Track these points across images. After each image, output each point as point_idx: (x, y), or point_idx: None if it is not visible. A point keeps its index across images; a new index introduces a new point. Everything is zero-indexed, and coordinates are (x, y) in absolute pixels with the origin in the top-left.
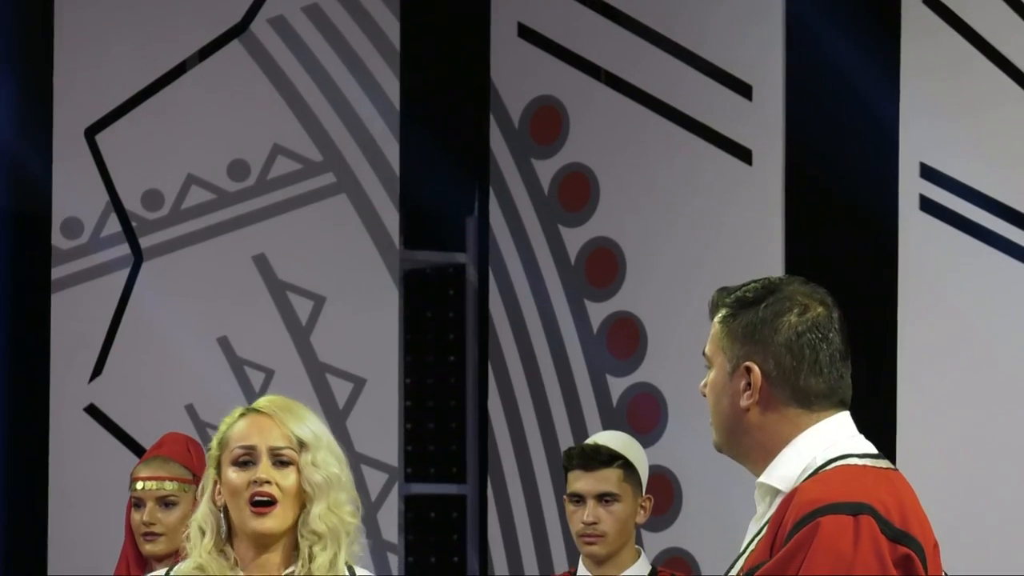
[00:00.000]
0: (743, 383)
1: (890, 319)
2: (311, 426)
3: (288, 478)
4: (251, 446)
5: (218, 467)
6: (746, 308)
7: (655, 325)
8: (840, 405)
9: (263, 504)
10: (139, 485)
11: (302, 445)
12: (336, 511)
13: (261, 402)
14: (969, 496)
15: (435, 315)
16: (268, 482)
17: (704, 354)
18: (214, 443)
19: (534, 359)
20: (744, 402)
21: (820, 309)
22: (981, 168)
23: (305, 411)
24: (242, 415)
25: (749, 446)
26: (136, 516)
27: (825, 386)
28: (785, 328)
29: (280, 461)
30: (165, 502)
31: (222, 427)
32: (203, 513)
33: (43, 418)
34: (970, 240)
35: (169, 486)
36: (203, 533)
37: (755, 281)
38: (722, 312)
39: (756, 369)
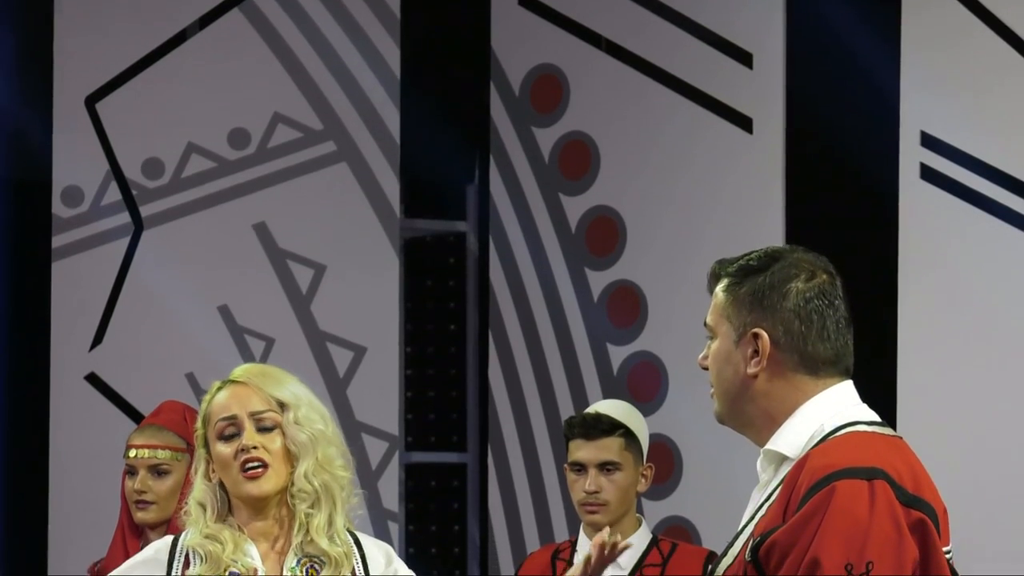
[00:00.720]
0: (750, 350)
1: (890, 287)
2: (289, 387)
3: (275, 442)
4: (232, 416)
5: (206, 444)
6: (751, 275)
7: (656, 294)
8: (844, 373)
9: (254, 468)
10: (132, 453)
11: (282, 406)
12: (326, 466)
13: (236, 372)
14: (969, 463)
15: (435, 283)
16: (255, 447)
17: (706, 325)
18: (199, 422)
19: (534, 328)
20: (751, 369)
21: (825, 276)
22: (981, 137)
23: (282, 374)
24: (219, 388)
25: (753, 414)
26: (129, 484)
27: (832, 353)
28: (793, 294)
29: (264, 427)
30: (158, 470)
31: (203, 404)
32: (200, 491)
33: (43, 386)
34: (970, 208)
35: (162, 454)
36: (204, 508)
37: (755, 251)
38: (725, 281)
39: (765, 335)
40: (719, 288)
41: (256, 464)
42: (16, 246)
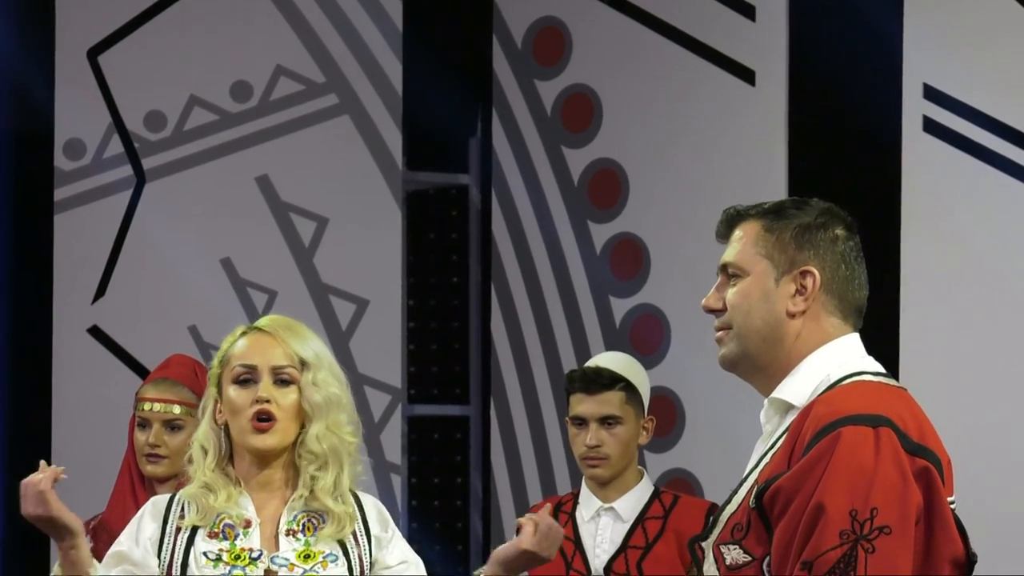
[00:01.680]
0: (794, 288)
1: (893, 240)
2: (313, 346)
3: (288, 397)
4: (252, 365)
5: (219, 385)
6: (792, 216)
7: (658, 246)
8: (856, 326)
9: (264, 421)
10: (146, 406)
11: (303, 364)
12: (336, 431)
13: (263, 321)
14: (971, 415)
15: (438, 236)
16: (269, 401)
17: (730, 263)
18: (215, 361)
19: (537, 280)
20: (795, 307)
21: (855, 229)
22: (984, 89)
23: (307, 331)
24: (243, 334)
25: (775, 357)
26: (140, 436)
27: (863, 302)
28: (841, 239)
29: (281, 380)
30: (172, 425)
31: (224, 345)
32: (204, 432)
33: (46, 339)
34: (973, 161)
35: (177, 409)
36: (205, 452)
37: (772, 201)
38: (760, 221)
39: (816, 274)
40: (751, 227)
41: (266, 417)
42: (18, 199)
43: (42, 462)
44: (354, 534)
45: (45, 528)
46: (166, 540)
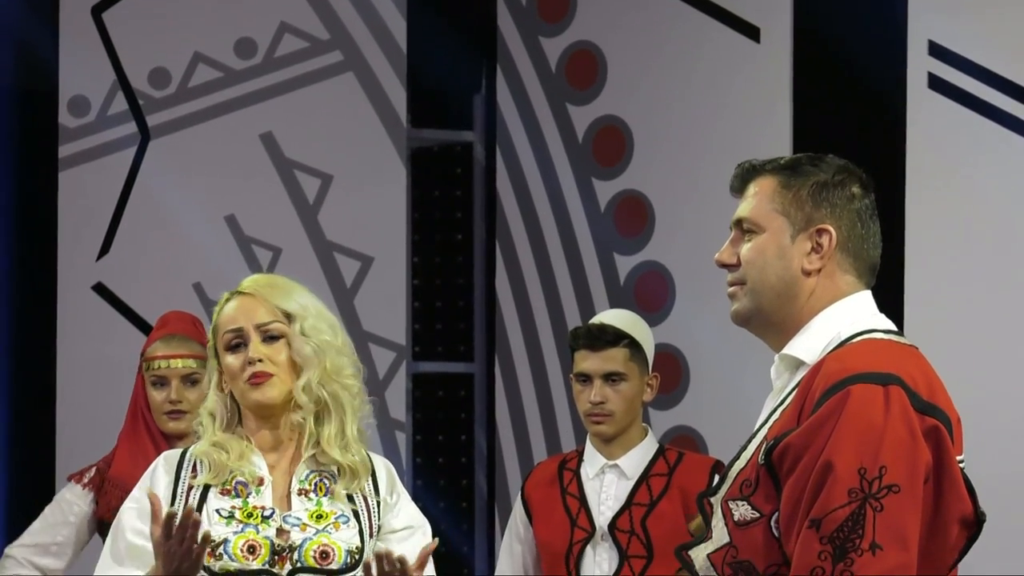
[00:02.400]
0: (810, 245)
1: (898, 197)
2: (297, 298)
3: (280, 352)
4: (239, 328)
5: (217, 355)
6: (808, 173)
7: (663, 203)
8: (871, 283)
9: (258, 377)
10: (162, 364)
11: (289, 317)
12: (335, 376)
13: (245, 283)
14: (976, 372)
15: (442, 193)
16: (260, 359)
17: (746, 219)
18: (210, 333)
19: (542, 238)
20: (810, 265)
21: (869, 188)
22: (990, 46)
23: (290, 284)
24: (228, 300)
25: (789, 314)
26: (158, 395)
27: (877, 260)
28: (857, 197)
29: (269, 336)
30: (190, 379)
31: (214, 316)
32: (211, 401)
33: (51, 296)
34: (978, 118)
35: (193, 363)
36: (213, 418)
37: (786, 156)
38: (776, 177)
39: (832, 232)
40: (767, 183)
41: (259, 375)
42: (23, 156)
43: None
44: (364, 496)
45: (174, 560)
46: (178, 497)
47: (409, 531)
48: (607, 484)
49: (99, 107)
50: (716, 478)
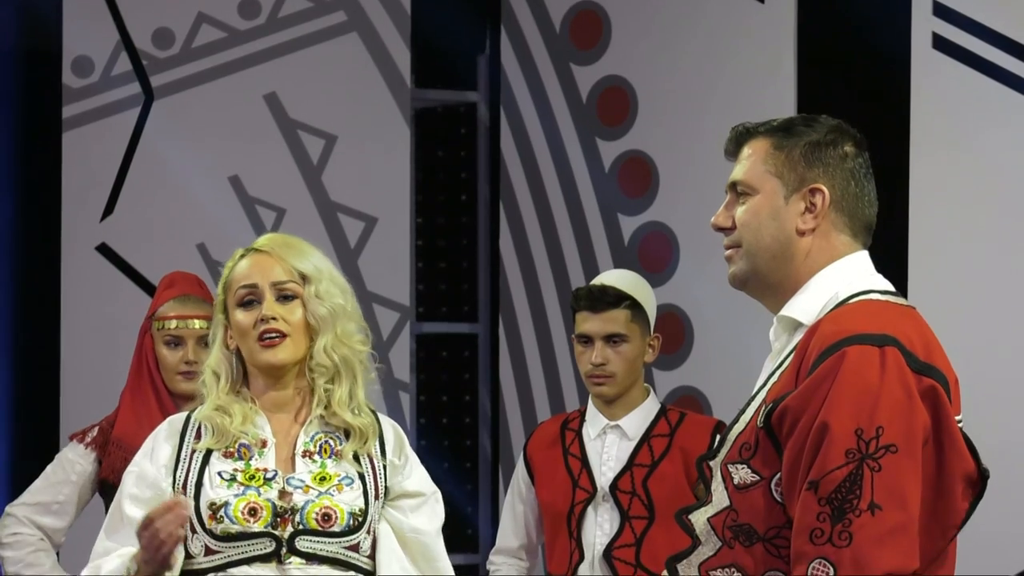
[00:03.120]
0: (804, 206)
1: (902, 158)
2: (312, 260)
3: (294, 312)
4: (253, 284)
5: (226, 311)
6: (801, 134)
7: (667, 164)
8: (865, 244)
9: (272, 338)
10: (176, 324)
11: (304, 278)
12: (346, 341)
13: (260, 241)
14: (979, 332)
15: (446, 154)
16: (274, 318)
17: (740, 181)
18: (220, 288)
19: (545, 198)
20: (804, 225)
21: (865, 147)
22: (995, 6)
23: (305, 245)
24: (242, 256)
25: (785, 275)
26: (172, 356)
27: (872, 220)
28: (850, 156)
29: (284, 296)
30: (204, 340)
31: (225, 271)
32: (216, 359)
33: (55, 257)
34: (983, 78)
35: (207, 324)
36: (218, 377)
37: (780, 118)
38: (769, 139)
39: (826, 191)
40: (760, 145)
41: (274, 334)
42: (27, 116)
43: (182, 499)
44: (371, 458)
45: (151, 554)
46: (181, 462)
47: (422, 499)
48: (609, 445)
49: (103, 68)
50: (716, 441)
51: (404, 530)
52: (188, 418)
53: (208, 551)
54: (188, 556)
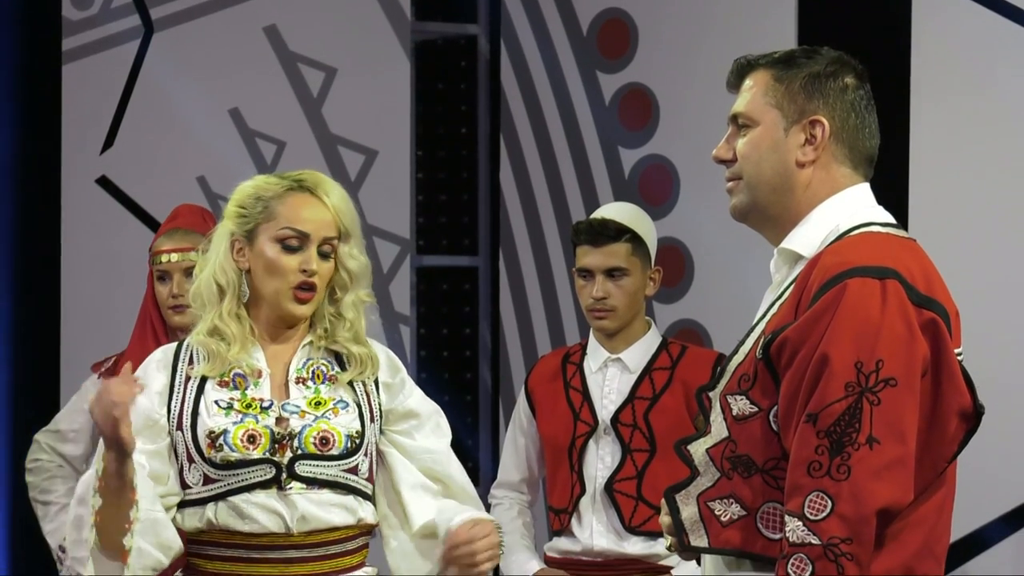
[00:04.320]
0: (804, 137)
1: (903, 90)
2: (353, 215)
3: (325, 267)
4: (305, 233)
5: (251, 232)
6: (802, 65)
7: (667, 96)
8: (868, 175)
9: (307, 292)
10: (163, 258)
11: (345, 236)
12: (359, 293)
13: (316, 183)
14: (980, 266)
15: (447, 87)
16: (316, 272)
17: (740, 114)
18: (250, 201)
19: (546, 131)
20: (804, 156)
21: (866, 78)
22: None
23: (346, 194)
24: (291, 189)
25: (785, 207)
26: (162, 289)
27: (874, 151)
28: (851, 88)
29: (324, 253)
30: (191, 273)
31: (266, 190)
32: (221, 268)
33: (55, 190)
34: (985, 11)
35: (194, 256)
36: (223, 293)
37: (782, 50)
38: (770, 71)
39: (825, 123)
40: (761, 77)
41: (308, 287)
42: (26, 49)
43: (128, 373)
44: (364, 383)
45: (107, 436)
46: (175, 390)
47: (425, 418)
48: (610, 378)
49: (102, 0)
50: (716, 373)
51: (416, 453)
52: (180, 346)
53: (207, 480)
54: (185, 487)
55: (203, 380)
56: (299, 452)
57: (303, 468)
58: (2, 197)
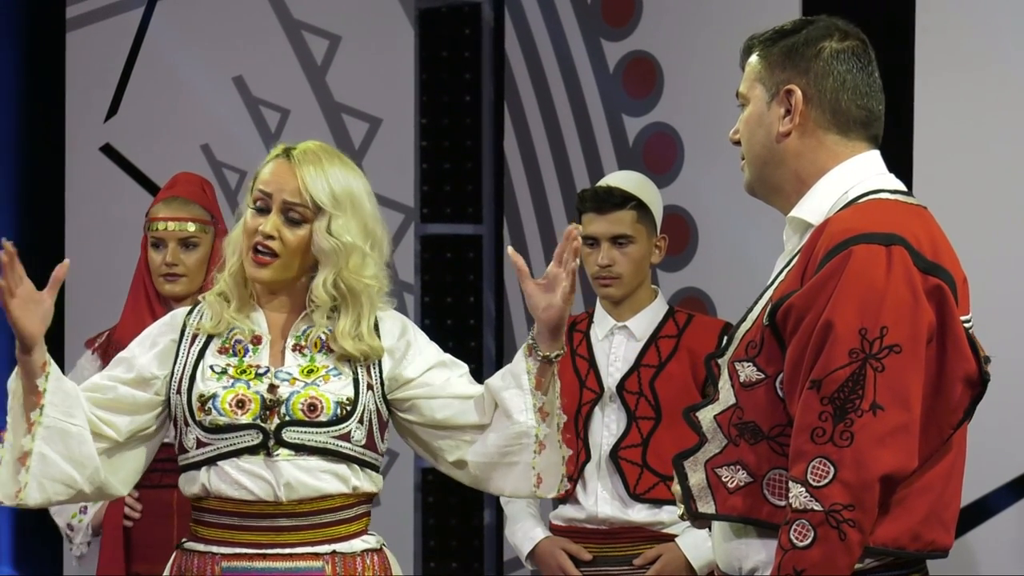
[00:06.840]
0: (783, 109)
1: (907, 57)
2: (335, 186)
3: (296, 234)
4: (268, 193)
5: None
6: (784, 37)
7: (672, 64)
8: (873, 141)
9: (261, 255)
10: (159, 226)
11: (317, 208)
12: (354, 273)
13: (300, 147)
14: (985, 231)
15: (451, 54)
16: (272, 236)
17: (738, 94)
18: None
19: (550, 99)
20: (783, 127)
21: (858, 41)
22: None
23: (336, 167)
24: (276, 155)
25: (783, 178)
26: (156, 256)
27: (863, 114)
28: (827, 52)
29: (292, 219)
30: (186, 243)
31: (265, 159)
32: (237, 234)
33: (59, 158)
34: None
35: (191, 227)
36: (233, 254)
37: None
38: (757, 49)
39: (797, 91)
40: (754, 56)
41: (264, 251)
42: (31, 17)
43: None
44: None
45: (20, 330)
46: (181, 352)
47: (445, 367)
48: (616, 345)
49: None
50: (725, 339)
51: (449, 395)
52: (192, 310)
53: (200, 443)
54: (183, 450)
55: (205, 345)
56: (287, 418)
57: (290, 434)
58: (6, 166)
